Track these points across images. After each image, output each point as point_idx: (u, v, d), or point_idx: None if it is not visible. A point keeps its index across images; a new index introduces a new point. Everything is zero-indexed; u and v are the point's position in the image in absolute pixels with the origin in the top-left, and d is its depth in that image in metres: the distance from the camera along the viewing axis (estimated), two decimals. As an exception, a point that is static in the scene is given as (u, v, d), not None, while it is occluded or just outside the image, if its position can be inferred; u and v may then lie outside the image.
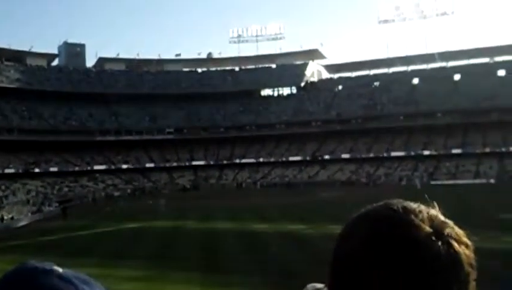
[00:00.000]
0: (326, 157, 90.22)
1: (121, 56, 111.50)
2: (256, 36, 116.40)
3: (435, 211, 0.96)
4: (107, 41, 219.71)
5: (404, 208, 0.94)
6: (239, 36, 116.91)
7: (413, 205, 0.95)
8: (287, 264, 18.81)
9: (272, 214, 39.58)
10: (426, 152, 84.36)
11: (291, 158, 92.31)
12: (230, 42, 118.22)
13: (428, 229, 0.90)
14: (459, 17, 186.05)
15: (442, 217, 0.95)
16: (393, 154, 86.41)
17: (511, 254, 18.96)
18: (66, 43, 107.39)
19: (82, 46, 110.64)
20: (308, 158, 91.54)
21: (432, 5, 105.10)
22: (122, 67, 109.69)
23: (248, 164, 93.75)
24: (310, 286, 1.14)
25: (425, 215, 0.93)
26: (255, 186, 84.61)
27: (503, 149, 78.89)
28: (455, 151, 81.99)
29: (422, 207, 0.95)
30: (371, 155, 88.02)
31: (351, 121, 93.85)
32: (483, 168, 77.34)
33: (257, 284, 16.35)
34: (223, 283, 17.00)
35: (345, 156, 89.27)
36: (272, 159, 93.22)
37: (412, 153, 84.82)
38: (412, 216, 0.92)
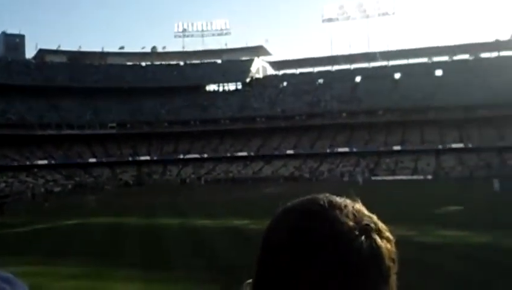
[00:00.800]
0: (271, 152, 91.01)
1: (63, 48, 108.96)
2: (202, 31, 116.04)
3: (360, 206, 0.97)
4: (48, 33, 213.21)
5: (330, 203, 0.95)
6: (184, 30, 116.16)
7: (339, 200, 0.97)
8: (231, 259, 18.86)
9: (216, 209, 39.56)
10: (367, 149, 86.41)
11: (236, 154, 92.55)
12: (175, 36, 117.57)
13: (351, 223, 0.91)
14: (400, 17, 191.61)
15: (366, 212, 0.97)
16: (336, 150, 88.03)
17: (442, 247, 19.87)
18: (4, 34, 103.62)
19: (21, 37, 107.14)
20: (252, 154, 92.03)
21: (374, 5, 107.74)
22: (63, 59, 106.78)
23: (192, 160, 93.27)
24: (249, 281, 1.12)
25: (350, 209, 0.94)
26: (199, 181, 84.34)
27: (440, 146, 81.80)
28: (395, 148, 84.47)
29: (348, 202, 0.97)
30: (314, 151, 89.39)
31: (295, 117, 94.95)
32: (421, 164, 79.98)
33: (201, 280, 16.32)
34: (166, 279, 16.86)
35: (289, 151, 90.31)
36: (217, 155, 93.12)
37: (354, 150, 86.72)
38: (337, 211, 0.93)
